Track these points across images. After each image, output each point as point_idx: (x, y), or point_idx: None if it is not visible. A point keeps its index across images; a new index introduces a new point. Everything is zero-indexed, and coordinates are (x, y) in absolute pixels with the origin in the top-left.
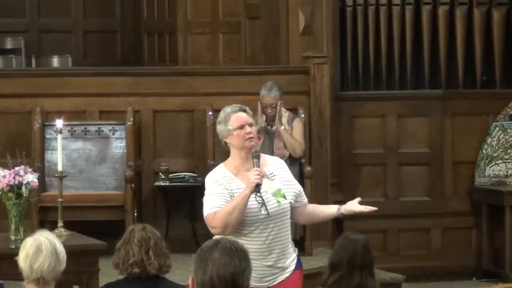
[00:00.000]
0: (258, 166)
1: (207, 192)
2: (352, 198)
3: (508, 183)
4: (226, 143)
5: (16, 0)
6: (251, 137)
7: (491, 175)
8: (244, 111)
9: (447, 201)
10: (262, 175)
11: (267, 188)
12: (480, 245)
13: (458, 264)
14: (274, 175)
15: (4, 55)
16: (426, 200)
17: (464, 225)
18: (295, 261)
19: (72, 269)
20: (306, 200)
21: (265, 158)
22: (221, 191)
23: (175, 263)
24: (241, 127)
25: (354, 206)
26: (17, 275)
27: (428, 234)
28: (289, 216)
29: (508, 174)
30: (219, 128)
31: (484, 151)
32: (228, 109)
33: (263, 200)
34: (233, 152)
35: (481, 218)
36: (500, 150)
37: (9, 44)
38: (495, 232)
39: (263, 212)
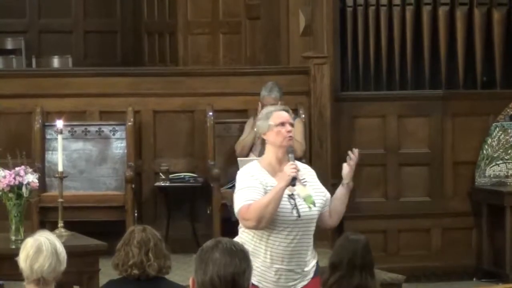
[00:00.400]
0: (293, 160)
1: (239, 185)
2: (352, 198)
3: (508, 184)
4: (263, 140)
5: (16, 0)
6: (291, 136)
7: (492, 176)
8: (287, 111)
9: (447, 201)
10: (298, 169)
11: (299, 191)
12: (480, 245)
13: (458, 264)
14: (306, 181)
15: (5, 56)
16: (426, 201)
17: (464, 225)
18: (314, 268)
19: (73, 270)
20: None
21: (297, 164)
22: (256, 185)
23: (176, 264)
24: (283, 124)
25: (344, 169)
26: (17, 276)
27: (428, 234)
28: (315, 223)
29: (509, 174)
30: (259, 123)
31: (484, 151)
32: (271, 107)
33: (295, 202)
34: (269, 149)
35: (481, 219)
36: (501, 150)
37: (9, 44)
38: (495, 232)
39: (294, 214)
